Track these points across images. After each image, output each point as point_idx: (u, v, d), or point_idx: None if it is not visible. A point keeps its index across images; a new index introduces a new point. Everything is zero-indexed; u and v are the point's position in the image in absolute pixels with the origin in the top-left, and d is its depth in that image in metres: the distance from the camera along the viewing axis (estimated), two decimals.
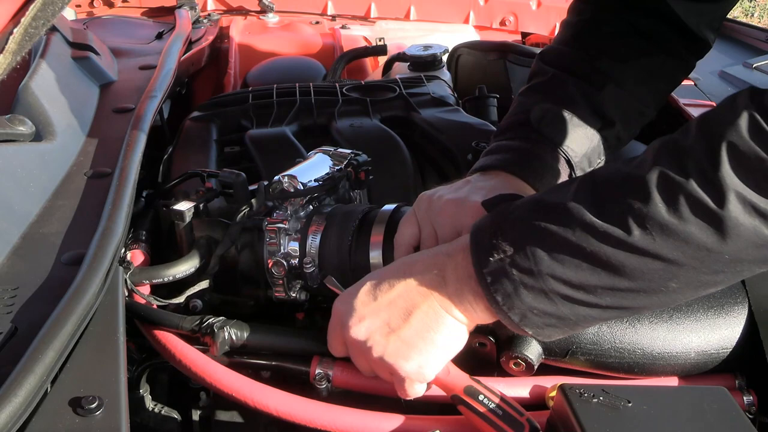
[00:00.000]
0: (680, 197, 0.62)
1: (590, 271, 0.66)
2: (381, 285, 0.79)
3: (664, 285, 0.66)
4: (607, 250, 0.65)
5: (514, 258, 0.69)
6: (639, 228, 0.63)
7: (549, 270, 0.67)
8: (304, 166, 0.99)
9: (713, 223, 0.61)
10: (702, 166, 0.61)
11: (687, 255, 0.63)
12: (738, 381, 0.87)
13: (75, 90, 1.30)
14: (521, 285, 0.69)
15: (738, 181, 0.60)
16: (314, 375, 0.86)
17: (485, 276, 0.71)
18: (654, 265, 0.64)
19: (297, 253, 0.91)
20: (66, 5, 0.69)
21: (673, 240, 0.63)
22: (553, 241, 0.67)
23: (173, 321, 0.88)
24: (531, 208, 0.71)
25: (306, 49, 2.24)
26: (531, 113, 0.97)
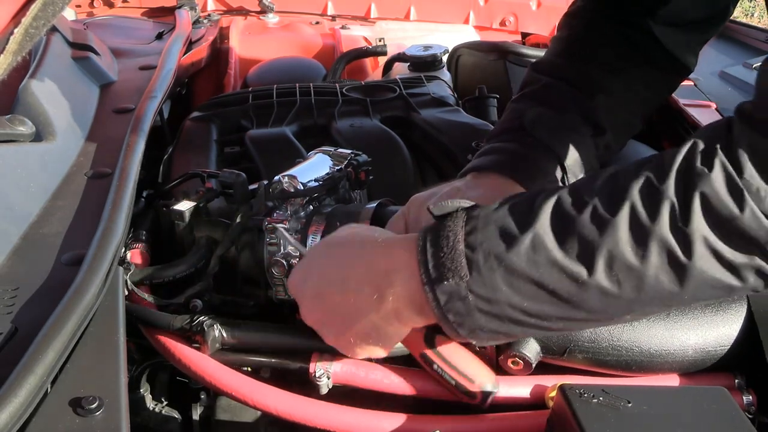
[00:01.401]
0: (650, 242, 0.61)
1: (549, 303, 0.66)
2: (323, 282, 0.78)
3: (618, 317, 0.68)
4: (570, 287, 0.64)
5: (470, 283, 0.67)
6: (604, 267, 0.63)
7: (506, 299, 0.66)
8: (304, 166, 0.99)
9: (678, 271, 0.62)
10: (674, 213, 0.61)
11: (648, 296, 0.64)
12: (737, 380, 0.87)
13: (75, 90, 1.30)
14: (475, 308, 0.68)
15: (708, 231, 0.60)
16: (313, 372, 0.86)
17: (438, 295, 0.68)
18: (613, 303, 0.65)
19: (297, 253, 0.91)
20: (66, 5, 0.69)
21: (636, 282, 0.63)
22: (515, 272, 0.65)
23: (164, 320, 0.88)
24: (492, 232, 0.67)
25: (306, 50, 2.24)
26: (524, 117, 0.98)
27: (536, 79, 1.05)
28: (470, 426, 0.83)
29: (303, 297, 0.81)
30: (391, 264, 0.73)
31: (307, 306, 0.81)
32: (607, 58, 1.03)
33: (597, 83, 1.01)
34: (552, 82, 1.03)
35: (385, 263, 0.74)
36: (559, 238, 0.64)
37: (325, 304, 0.78)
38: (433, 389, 0.85)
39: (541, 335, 0.76)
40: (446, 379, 0.82)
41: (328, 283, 0.78)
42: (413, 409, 0.87)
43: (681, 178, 0.62)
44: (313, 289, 0.79)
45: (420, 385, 0.86)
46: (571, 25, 1.09)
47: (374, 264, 0.75)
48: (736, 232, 0.60)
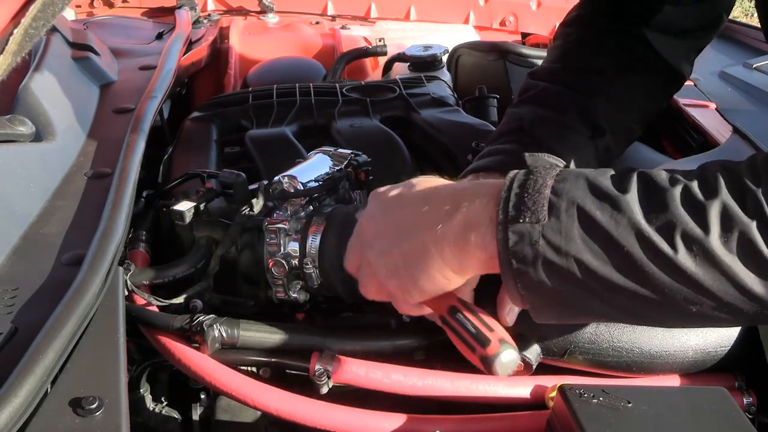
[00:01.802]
0: (736, 233, 0.60)
1: (618, 270, 0.63)
2: (409, 189, 0.76)
3: (683, 307, 0.64)
4: (645, 258, 0.62)
5: (545, 227, 0.64)
6: (685, 248, 0.61)
7: (577, 253, 0.64)
8: (304, 166, 0.99)
9: (761, 269, 0.60)
10: (764, 212, 0.60)
11: (720, 289, 0.62)
12: (737, 381, 0.87)
13: (75, 90, 1.30)
14: (542, 257, 0.65)
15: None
16: (314, 371, 0.86)
17: (508, 234, 0.66)
18: (683, 286, 0.62)
19: (297, 254, 0.91)
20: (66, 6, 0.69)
21: (714, 271, 0.61)
22: (594, 227, 0.64)
23: (163, 320, 0.88)
24: (583, 186, 0.66)
25: (306, 50, 2.24)
26: (524, 119, 0.99)
27: (534, 85, 1.06)
28: (470, 426, 0.83)
29: (377, 203, 0.77)
30: (477, 192, 0.71)
31: (374, 211, 0.77)
32: (603, 66, 1.04)
33: (595, 87, 1.01)
34: (550, 86, 1.04)
35: (471, 190, 0.72)
36: (647, 205, 0.63)
37: (394, 210, 0.75)
38: (434, 388, 0.85)
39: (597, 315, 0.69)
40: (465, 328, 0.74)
41: (411, 192, 0.75)
42: (413, 409, 0.87)
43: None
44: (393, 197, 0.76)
45: (420, 385, 0.86)
46: (567, 34, 1.10)
47: (463, 189, 0.73)
48: None
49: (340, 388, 0.89)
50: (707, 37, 1.08)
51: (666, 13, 1.02)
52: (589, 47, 1.06)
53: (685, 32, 1.05)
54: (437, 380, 0.85)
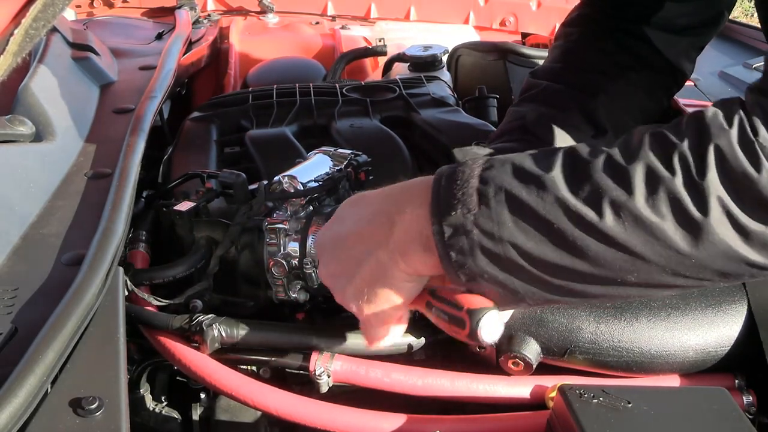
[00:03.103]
0: (662, 193, 0.60)
1: (553, 248, 0.64)
2: (342, 228, 0.77)
3: (622, 277, 0.64)
4: (575, 230, 0.63)
5: (477, 216, 0.65)
6: (613, 214, 0.61)
7: (511, 237, 0.64)
8: (304, 166, 0.99)
9: (690, 226, 0.60)
10: (689, 167, 0.60)
11: (654, 252, 0.62)
12: (738, 381, 0.87)
13: (75, 90, 1.30)
14: (479, 246, 0.65)
15: (723, 191, 0.59)
16: (313, 370, 0.86)
17: (443, 228, 0.67)
18: (618, 255, 0.62)
19: (297, 254, 0.91)
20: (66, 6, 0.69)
21: (644, 234, 0.61)
22: (523, 209, 0.64)
23: (163, 320, 0.88)
24: (506, 170, 0.67)
25: (306, 50, 2.24)
26: (526, 117, 0.99)
27: (536, 84, 1.06)
28: (470, 426, 0.83)
29: (322, 251, 0.80)
30: (406, 195, 0.73)
31: (325, 259, 0.79)
32: (605, 65, 1.04)
33: (597, 86, 1.01)
34: (552, 85, 1.04)
35: (400, 194, 0.74)
36: (571, 180, 0.63)
37: (340, 249, 0.77)
38: (434, 388, 0.85)
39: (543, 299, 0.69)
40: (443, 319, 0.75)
41: (349, 225, 0.76)
42: (413, 409, 0.87)
43: (698, 134, 0.61)
44: (330, 238, 0.79)
45: (420, 384, 0.86)
46: (569, 34, 1.10)
47: (391, 197, 0.74)
48: (751, 194, 0.59)
49: (340, 387, 0.89)
50: (708, 34, 1.08)
51: (667, 11, 1.02)
52: (591, 46, 1.06)
53: (686, 30, 1.05)
54: (437, 379, 0.85)
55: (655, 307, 0.85)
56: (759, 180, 0.58)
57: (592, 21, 1.09)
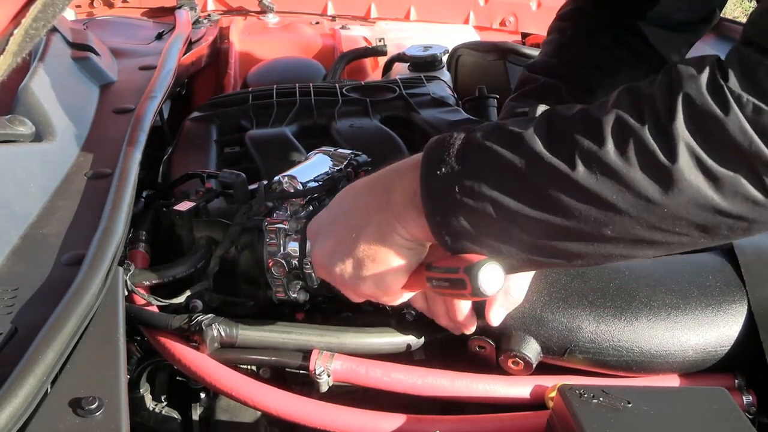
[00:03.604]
0: (631, 142, 0.61)
1: (529, 204, 0.65)
2: (340, 204, 0.79)
3: (598, 230, 0.64)
4: (549, 182, 0.64)
5: (460, 174, 0.67)
6: (584, 165, 0.62)
7: (489, 194, 0.66)
8: (303, 166, 0.99)
9: (659, 172, 0.60)
10: (658, 115, 0.60)
11: (626, 201, 0.62)
12: (737, 381, 0.87)
13: (75, 90, 1.30)
14: (461, 205, 0.67)
15: (690, 137, 0.59)
16: (313, 369, 0.86)
17: (430, 188, 0.69)
18: (591, 206, 0.63)
19: (297, 254, 0.91)
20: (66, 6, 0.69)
21: (615, 183, 0.61)
22: (501, 165, 0.66)
23: (162, 320, 0.88)
24: (488, 130, 0.69)
25: (306, 50, 2.24)
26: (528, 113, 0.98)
27: (533, 79, 1.06)
28: (470, 426, 0.83)
29: (318, 233, 0.81)
30: (404, 164, 0.75)
31: (321, 238, 0.80)
32: (601, 61, 1.04)
33: (594, 82, 1.01)
34: (551, 81, 1.03)
35: (397, 164, 0.76)
36: (547, 135, 0.65)
37: (337, 224, 0.78)
38: (434, 387, 0.85)
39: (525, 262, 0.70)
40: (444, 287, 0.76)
41: (346, 201, 0.79)
42: (413, 409, 0.87)
43: (668, 83, 0.62)
44: (327, 217, 0.80)
45: (420, 383, 0.86)
46: (563, 29, 1.10)
47: (392, 167, 0.77)
48: (719, 138, 0.59)
49: (340, 387, 0.89)
50: (701, 31, 1.08)
51: (663, 6, 1.02)
52: (587, 41, 1.06)
53: (681, 26, 1.05)
54: (437, 379, 0.85)
55: (655, 307, 0.86)
56: (726, 123, 0.58)
57: (587, 15, 1.08)
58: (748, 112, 0.58)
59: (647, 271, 0.90)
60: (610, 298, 0.86)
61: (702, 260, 0.92)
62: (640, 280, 0.88)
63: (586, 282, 0.87)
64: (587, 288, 0.87)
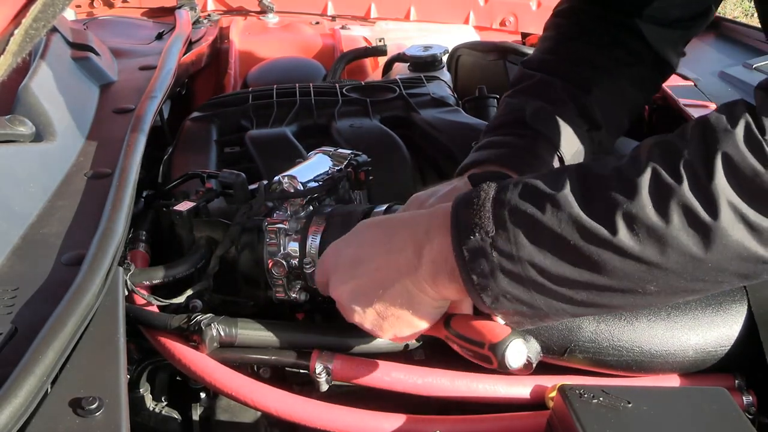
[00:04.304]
0: (671, 202, 0.61)
1: (570, 265, 0.65)
2: (364, 250, 0.79)
3: (642, 287, 0.65)
4: (591, 246, 0.64)
5: (495, 239, 0.67)
6: (626, 228, 0.62)
7: (529, 257, 0.66)
8: (304, 166, 0.99)
9: (702, 231, 0.61)
10: (696, 173, 0.61)
11: (671, 260, 0.62)
12: (737, 381, 0.87)
13: (75, 90, 1.30)
14: (499, 268, 0.67)
15: (732, 192, 0.60)
16: (314, 368, 0.86)
17: (464, 252, 0.69)
18: (635, 266, 0.63)
19: (297, 254, 0.91)
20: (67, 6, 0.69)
21: (658, 244, 0.62)
22: (538, 229, 0.66)
23: (161, 320, 0.88)
24: (521, 191, 0.68)
25: (306, 50, 2.24)
26: (525, 111, 0.98)
27: (529, 75, 1.06)
28: (470, 426, 0.83)
29: (336, 267, 0.81)
30: (432, 223, 0.74)
31: (341, 276, 0.80)
32: (597, 60, 1.03)
33: (591, 80, 1.01)
34: (547, 78, 1.03)
35: (426, 222, 0.75)
36: (583, 197, 0.65)
37: (361, 270, 0.78)
38: (434, 387, 0.85)
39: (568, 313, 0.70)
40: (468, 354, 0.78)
41: (371, 247, 0.78)
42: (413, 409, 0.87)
43: (703, 139, 0.62)
44: (351, 257, 0.79)
45: (420, 383, 0.86)
46: (559, 26, 1.10)
47: (418, 225, 0.76)
48: (760, 192, 0.59)
49: (340, 387, 0.89)
50: (697, 27, 1.08)
51: (657, 2, 1.02)
52: (583, 39, 1.06)
53: (677, 22, 1.05)
54: (437, 378, 0.85)
55: (655, 307, 0.85)
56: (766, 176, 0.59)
57: (582, 12, 1.08)
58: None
59: None
60: None
61: None
62: None
63: None
64: None
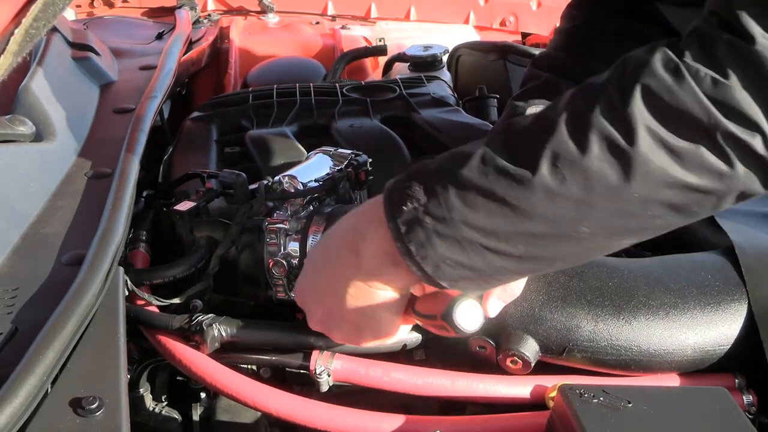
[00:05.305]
0: (589, 132, 0.61)
1: (502, 216, 0.65)
2: (316, 275, 0.80)
3: (575, 229, 0.64)
4: (517, 192, 0.63)
5: (427, 205, 0.67)
6: (548, 166, 0.62)
7: (461, 217, 0.66)
8: (304, 166, 0.99)
9: (622, 159, 0.60)
10: (612, 100, 0.61)
11: (595, 193, 0.62)
12: (738, 381, 0.87)
13: (75, 90, 1.30)
14: (434, 233, 0.67)
15: (649, 116, 0.59)
16: (314, 369, 0.86)
17: (399, 226, 0.68)
18: (563, 205, 0.63)
19: (297, 254, 0.91)
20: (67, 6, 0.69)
21: (580, 177, 0.61)
22: (466, 187, 0.65)
23: (162, 321, 0.88)
24: (445, 158, 0.69)
25: (306, 50, 2.24)
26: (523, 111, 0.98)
27: (537, 75, 1.04)
28: (470, 426, 0.83)
29: (305, 303, 0.82)
30: (363, 219, 0.75)
31: (310, 309, 0.82)
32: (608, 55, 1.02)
33: None
34: (552, 78, 1.02)
35: (358, 221, 0.76)
36: (505, 147, 0.65)
37: (319, 294, 0.79)
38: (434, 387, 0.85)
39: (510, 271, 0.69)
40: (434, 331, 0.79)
41: (320, 268, 0.79)
42: (413, 409, 0.87)
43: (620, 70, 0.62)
44: (310, 287, 0.81)
45: (420, 383, 0.86)
46: (573, 17, 1.07)
47: (349, 226, 0.77)
48: (677, 114, 0.59)
49: (340, 388, 0.89)
50: None
51: None
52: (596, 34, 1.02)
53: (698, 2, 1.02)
54: (437, 379, 0.85)
55: (654, 306, 0.85)
56: (684, 97, 0.58)
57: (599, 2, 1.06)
58: (705, 86, 0.58)
59: (646, 270, 0.90)
60: (609, 297, 0.86)
61: (701, 259, 0.92)
62: (639, 279, 0.88)
63: (585, 281, 0.87)
64: (586, 287, 0.87)
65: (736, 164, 0.60)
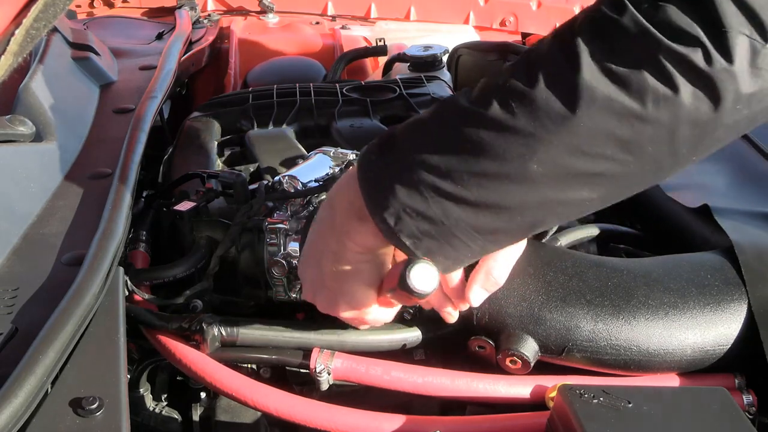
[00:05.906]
0: (536, 67, 0.63)
1: (455, 154, 0.66)
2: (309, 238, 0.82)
3: (525, 167, 0.64)
4: (470, 129, 0.65)
5: (386, 152, 0.70)
6: (499, 101, 0.64)
7: (420, 159, 0.67)
8: (304, 166, 0.99)
9: (567, 88, 0.61)
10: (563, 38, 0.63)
11: (543, 125, 0.62)
12: (737, 381, 0.87)
13: (75, 90, 1.30)
14: (396, 178, 0.68)
15: (593, 46, 0.61)
16: (314, 367, 0.86)
17: (362, 176, 0.70)
18: (512, 140, 0.63)
19: (297, 254, 0.91)
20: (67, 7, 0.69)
21: (528, 109, 0.62)
22: (426, 129, 0.69)
23: (162, 320, 0.88)
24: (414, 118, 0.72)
25: (306, 50, 2.24)
26: None
27: None
28: (470, 426, 0.83)
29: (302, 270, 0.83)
30: (341, 182, 0.77)
31: (303, 276, 0.83)
32: None
33: None
34: None
35: (337, 186, 0.78)
36: (466, 93, 0.68)
37: (308, 259, 0.81)
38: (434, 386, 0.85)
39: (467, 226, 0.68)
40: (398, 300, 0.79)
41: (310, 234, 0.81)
42: (413, 409, 0.87)
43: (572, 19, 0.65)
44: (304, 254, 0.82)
45: (420, 382, 0.86)
46: None
47: (332, 191, 0.79)
48: (620, 42, 0.60)
49: (340, 388, 0.89)
50: None
51: None
52: None
53: None
54: (437, 378, 0.85)
55: (654, 306, 0.86)
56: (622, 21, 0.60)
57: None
58: (645, 11, 0.60)
59: (645, 270, 0.90)
60: (608, 296, 0.86)
61: (701, 259, 0.92)
62: (639, 278, 0.88)
63: (584, 281, 0.87)
64: (585, 287, 0.87)
65: (680, 87, 0.60)
